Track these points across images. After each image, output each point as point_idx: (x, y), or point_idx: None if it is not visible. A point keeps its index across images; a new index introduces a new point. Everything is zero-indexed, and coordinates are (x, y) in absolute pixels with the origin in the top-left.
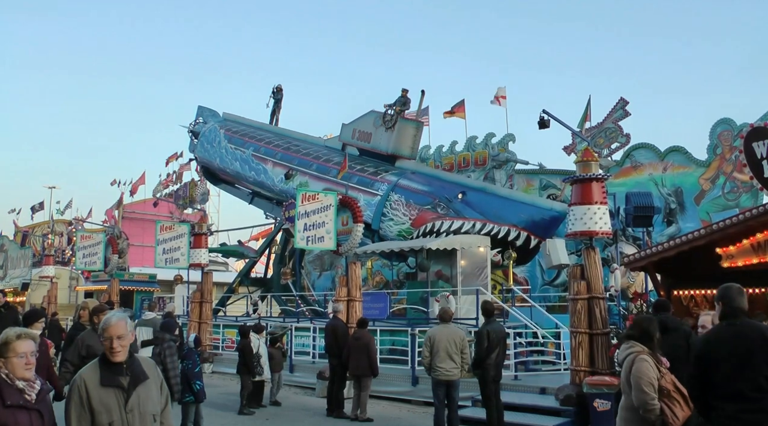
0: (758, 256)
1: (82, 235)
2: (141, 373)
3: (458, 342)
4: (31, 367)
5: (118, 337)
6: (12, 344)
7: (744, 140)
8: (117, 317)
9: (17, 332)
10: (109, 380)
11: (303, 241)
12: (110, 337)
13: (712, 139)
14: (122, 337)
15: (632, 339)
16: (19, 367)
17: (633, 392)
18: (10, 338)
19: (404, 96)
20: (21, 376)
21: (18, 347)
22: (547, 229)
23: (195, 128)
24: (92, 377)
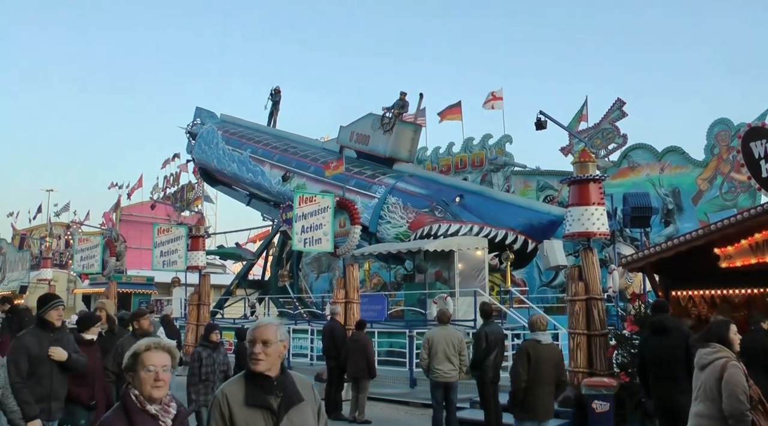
0: (757, 257)
1: (80, 237)
2: (295, 393)
3: (456, 344)
4: (163, 386)
5: (263, 343)
6: (141, 356)
7: (741, 140)
8: (269, 320)
9: (147, 343)
10: (256, 399)
11: (300, 243)
12: (253, 341)
13: (710, 139)
14: (268, 343)
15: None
16: (146, 384)
17: (726, 401)
18: (140, 348)
19: (402, 99)
20: (148, 394)
21: (147, 359)
22: (545, 232)
23: (193, 129)
24: (236, 394)
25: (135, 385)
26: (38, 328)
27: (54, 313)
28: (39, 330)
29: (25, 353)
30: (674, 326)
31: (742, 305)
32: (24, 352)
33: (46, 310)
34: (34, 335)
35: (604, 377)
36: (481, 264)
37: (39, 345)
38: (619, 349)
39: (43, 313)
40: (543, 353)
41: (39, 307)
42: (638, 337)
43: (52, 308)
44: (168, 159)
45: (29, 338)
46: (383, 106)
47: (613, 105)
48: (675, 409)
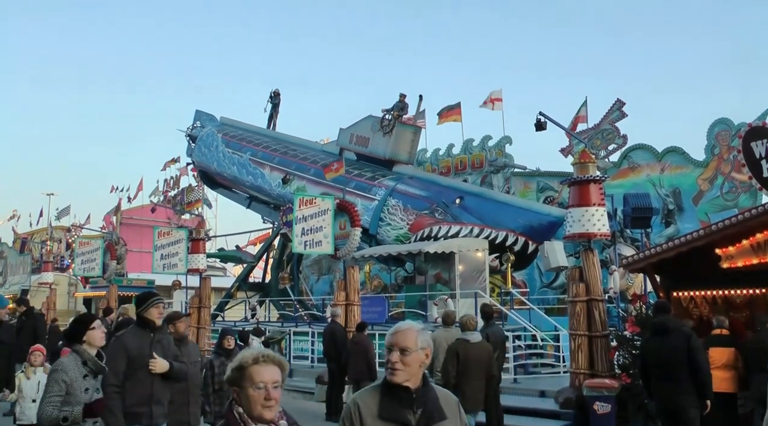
0: (758, 257)
1: (81, 241)
2: (437, 410)
3: None
4: (275, 405)
5: (401, 351)
6: (248, 370)
7: (742, 140)
8: (408, 324)
9: (255, 355)
10: (391, 413)
11: (301, 245)
12: (390, 347)
13: (710, 139)
14: (407, 351)
15: None
16: (256, 403)
17: None
18: (246, 361)
19: (402, 101)
20: (258, 414)
21: (256, 375)
22: (545, 234)
23: (193, 132)
24: (370, 405)
25: (241, 403)
26: (138, 328)
27: (155, 310)
28: (139, 329)
29: (124, 354)
30: (675, 327)
31: (744, 306)
32: (123, 353)
33: (146, 308)
34: (135, 335)
35: (605, 378)
36: (481, 265)
37: (139, 345)
38: (621, 350)
39: (143, 312)
40: (472, 351)
41: (138, 305)
42: (639, 338)
43: (152, 306)
44: (168, 162)
45: (129, 338)
46: (383, 108)
47: (613, 106)
48: (676, 411)
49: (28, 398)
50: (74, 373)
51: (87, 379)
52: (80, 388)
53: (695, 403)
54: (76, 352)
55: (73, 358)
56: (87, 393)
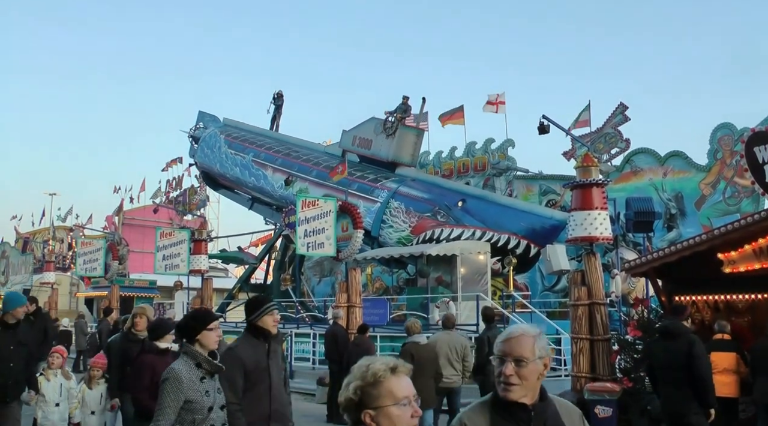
0: (760, 262)
1: (83, 241)
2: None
3: (460, 349)
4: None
5: (517, 361)
6: (385, 383)
7: (745, 145)
8: (522, 329)
9: (388, 363)
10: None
11: (303, 247)
12: (502, 357)
13: (713, 143)
14: (523, 361)
15: None
16: (403, 424)
17: None
18: (379, 372)
19: (405, 103)
20: None
21: (396, 388)
22: (547, 237)
23: (195, 133)
24: (479, 422)
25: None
26: (252, 337)
27: (269, 319)
28: (253, 339)
29: (240, 367)
30: (682, 332)
31: (746, 310)
32: (239, 367)
33: (260, 316)
34: (249, 345)
35: (606, 382)
36: (483, 268)
37: (255, 357)
38: (622, 354)
39: (255, 319)
40: (422, 352)
41: (250, 312)
42: (641, 342)
43: (267, 313)
44: (170, 162)
45: (243, 349)
46: (386, 110)
47: (616, 109)
48: (678, 415)
49: (50, 402)
50: (189, 377)
51: (204, 381)
52: (200, 392)
53: (697, 410)
54: (187, 354)
55: (184, 361)
56: (208, 396)
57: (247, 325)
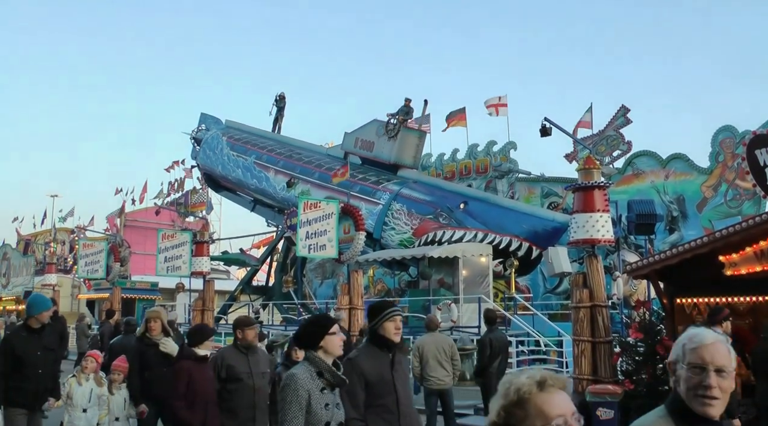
0: (761, 264)
1: (84, 243)
2: None
3: (447, 349)
4: None
5: (719, 371)
6: (532, 401)
7: (746, 148)
8: (714, 336)
9: (534, 377)
10: None
11: (305, 249)
12: (704, 364)
13: (714, 146)
14: (725, 372)
15: None
16: None
17: None
18: (523, 388)
19: (407, 105)
20: None
21: (549, 406)
22: (549, 239)
23: (197, 135)
24: None
25: None
26: (373, 347)
27: (390, 325)
28: (375, 349)
29: (361, 380)
30: None
31: (747, 313)
32: (360, 379)
33: (380, 322)
34: (370, 356)
35: (608, 384)
36: (485, 270)
37: (378, 368)
38: (624, 356)
39: (377, 326)
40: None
41: (372, 318)
42: (642, 344)
43: (388, 319)
44: (171, 164)
45: (364, 360)
46: (388, 113)
47: (618, 112)
48: None
49: (78, 407)
50: (310, 386)
51: (325, 393)
52: (319, 403)
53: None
54: (310, 361)
55: (306, 367)
56: (327, 409)
57: (368, 334)
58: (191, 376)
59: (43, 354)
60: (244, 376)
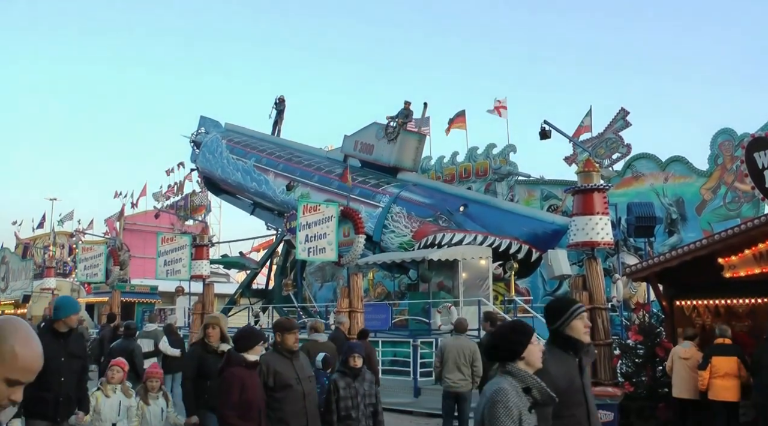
0: (760, 266)
1: (84, 246)
2: None
3: (468, 354)
4: None
5: None
6: None
7: (745, 150)
8: None
9: None
10: None
11: (304, 252)
12: None
13: (713, 149)
14: None
15: None
16: None
17: None
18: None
19: (407, 108)
20: None
21: None
22: (549, 242)
23: (197, 138)
24: None
25: None
26: (558, 349)
27: (579, 324)
28: (560, 352)
29: (552, 388)
30: None
31: (746, 315)
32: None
33: (568, 321)
34: (557, 360)
35: (608, 387)
36: (485, 273)
37: (567, 374)
38: (624, 358)
39: (562, 326)
40: (320, 349)
41: (554, 318)
42: (642, 346)
43: (576, 317)
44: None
45: (552, 365)
46: (387, 116)
47: (617, 114)
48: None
49: (106, 421)
50: (520, 404)
51: (532, 413)
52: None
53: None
54: (513, 375)
55: (509, 382)
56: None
57: (551, 335)
58: (243, 383)
59: (68, 361)
60: (292, 383)
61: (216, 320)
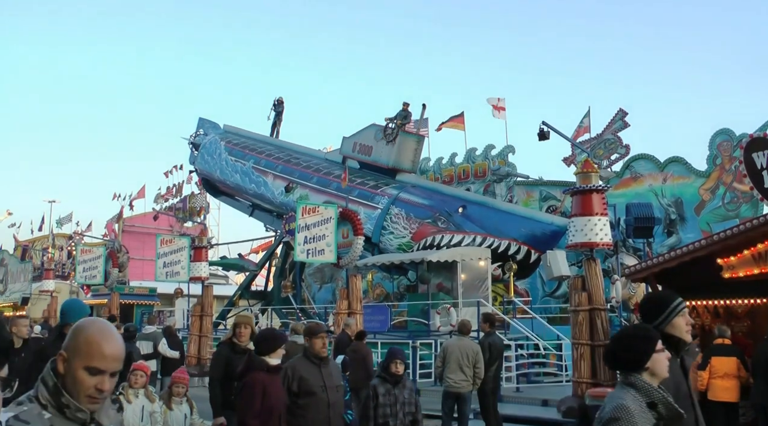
0: (759, 267)
1: (83, 249)
2: None
3: (471, 355)
4: None
5: None
6: None
7: (744, 151)
8: None
9: None
10: None
11: (303, 254)
12: None
13: (712, 149)
14: None
15: None
16: None
17: None
18: None
19: (405, 109)
20: None
21: None
22: (548, 243)
23: (196, 140)
24: None
25: None
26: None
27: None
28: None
29: None
30: None
31: (745, 315)
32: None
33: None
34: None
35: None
36: (484, 274)
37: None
38: None
39: (663, 324)
40: (297, 349)
41: (653, 316)
42: None
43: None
44: (170, 169)
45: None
46: (386, 117)
47: (616, 115)
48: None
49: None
50: (644, 422)
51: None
52: None
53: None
54: (637, 388)
55: (632, 397)
56: None
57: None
58: (265, 389)
59: None
60: (317, 390)
61: (248, 319)
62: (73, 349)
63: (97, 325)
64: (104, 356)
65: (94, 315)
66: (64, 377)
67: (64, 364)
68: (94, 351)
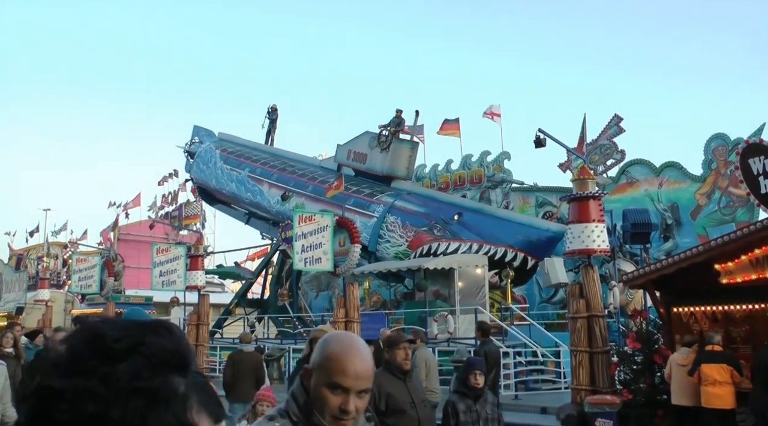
0: (757, 272)
1: (78, 258)
2: None
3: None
4: None
5: None
6: None
7: (740, 157)
8: None
9: None
10: None
11: (301, 262)
12: None
13: (707, 154)
14: None
15: None
16: None
17: None
18: None
19: (399, 116)
20: None
21: None
22: (544, 249)
23: (191, 148)
24: None
25: None
26: None
27: None
28: None
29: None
30: None
31: (743, 320)
32: None
33: None
34: None
35: (606, 395)
36: (481, 281)
37: None
38: (622, 366)
39: None
40: (244, 357)
41: None
42: (640, 353)
43: None
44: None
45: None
46: (380, 124)
47: (611, 121)
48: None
49: None
50: None
51: None
52: None
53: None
54: None
55: None
56: None
57: None
58: None
59: None
60: (406, 407)
61: (324, 333)
62: (317, 364)
63: (340, 339)
64: (345, 372)
65: None
66: (311, 394)
67: (310, 379)
68: (335, 367)
